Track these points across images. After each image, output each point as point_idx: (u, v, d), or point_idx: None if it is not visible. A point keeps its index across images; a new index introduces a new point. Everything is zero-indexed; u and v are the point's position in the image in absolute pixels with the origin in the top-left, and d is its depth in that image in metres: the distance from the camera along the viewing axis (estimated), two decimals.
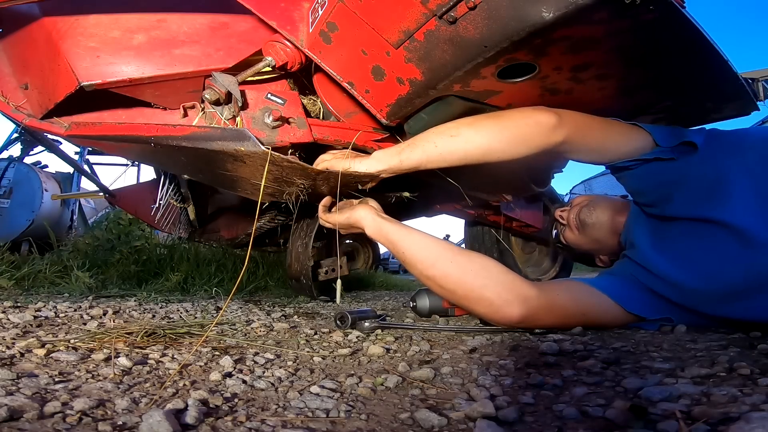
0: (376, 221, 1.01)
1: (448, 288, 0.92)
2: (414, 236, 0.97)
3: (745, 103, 1.06)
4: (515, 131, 0.92)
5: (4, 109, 1.08)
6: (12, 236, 3.88)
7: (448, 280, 0.92)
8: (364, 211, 1.03)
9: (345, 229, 1.09)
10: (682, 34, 0.79)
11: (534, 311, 0.91)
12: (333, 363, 0.74)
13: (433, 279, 0.93)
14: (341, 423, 0.47)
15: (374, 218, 1.01)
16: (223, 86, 0.95)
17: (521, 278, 0.93)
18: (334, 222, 1.07)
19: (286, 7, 0.99)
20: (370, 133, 1.18)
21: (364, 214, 1.03)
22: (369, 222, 1.01)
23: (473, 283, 0.91)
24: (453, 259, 0.93)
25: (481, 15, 0.72)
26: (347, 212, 1.05)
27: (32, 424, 0.42)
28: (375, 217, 1.01)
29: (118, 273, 2.16)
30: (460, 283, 0.91)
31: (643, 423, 0.43)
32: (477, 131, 0.93)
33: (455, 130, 0.94)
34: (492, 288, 0.90)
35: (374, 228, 1.01)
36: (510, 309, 0.90)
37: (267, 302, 1.71)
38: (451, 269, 0.92)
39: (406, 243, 0.96)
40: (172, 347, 0.78)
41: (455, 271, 0.92)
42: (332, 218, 1.08)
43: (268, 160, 0.88)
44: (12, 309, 1.07)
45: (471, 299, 0.91)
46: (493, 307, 0.90)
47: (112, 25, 1.02)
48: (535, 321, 0.93)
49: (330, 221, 1.09)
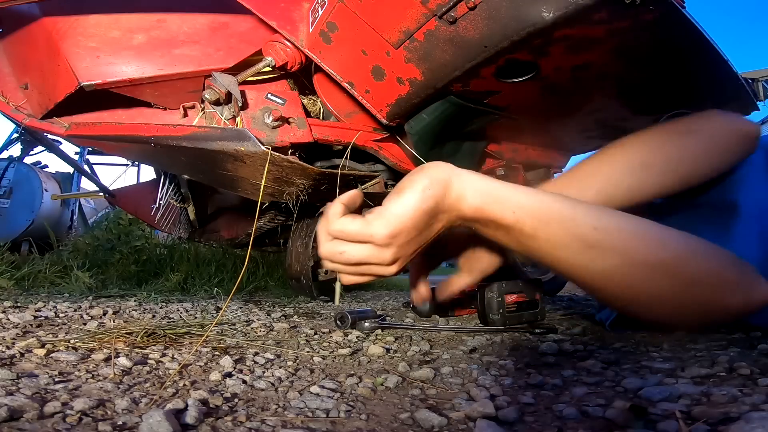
0: (486, 183, 0.58)
1: (693, 276, 0.60)
2: (587, 205, 0.60)
3: (745, 103, 1.07)
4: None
5: (4, 109, 1.08)
6: (12, 236, 3.88)
7: (694, 264, 0.60)
8: (443, 170, 0.57)
9: (416, 238, 0.58)
10: (682, 34, 0.79)
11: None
12: (333, 363, 0.74)
13: (663, 267, 0.59)
14: (341, 423, 0.46)
15: (479, 179, 0.58)
16: (223, 86, 0.95)
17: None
18: (393, 229, 0.55)
19: (286, 7, 0.99)
20: (371, 133, 1.18)
21: (446, 172, 0.57)
22: (473, 188, 0.57)
23: (723, 265, 0.63)
24: (679, 234, 0.61)
25: (481, 15, 0.72)
26: (411, 192, 0.55)
27: (32, 424, 0.42)
28: (479, 177, 0.58)
29: (118, 273, 2.16)
30: (709, 265, 0.61)
31: (643, 423, 0.43)
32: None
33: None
34: (743, 267, 0.64)
35: (489, 196, 0.57)
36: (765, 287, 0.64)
37: (267, 302, 1.71)
38: (693, 247, 0.61)
39: (585, 217, 0.57)
40: (172, 347, 0.78)
41: (702, 250, 0.61)
42: (385, 222, 0.55)
43: (268, 160, 0.88)
44: (12, 309, 1.07)
45: (727, 286, 0.63)
46: (749, 294, 0.64)
47: (112, 25, 1.02)
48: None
49: (381, 232, 0.55)
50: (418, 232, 0.57)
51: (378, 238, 0.55)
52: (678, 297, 0.62)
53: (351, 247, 0.58)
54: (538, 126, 1.29)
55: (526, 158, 1.44)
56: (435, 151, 1.15)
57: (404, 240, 0.56)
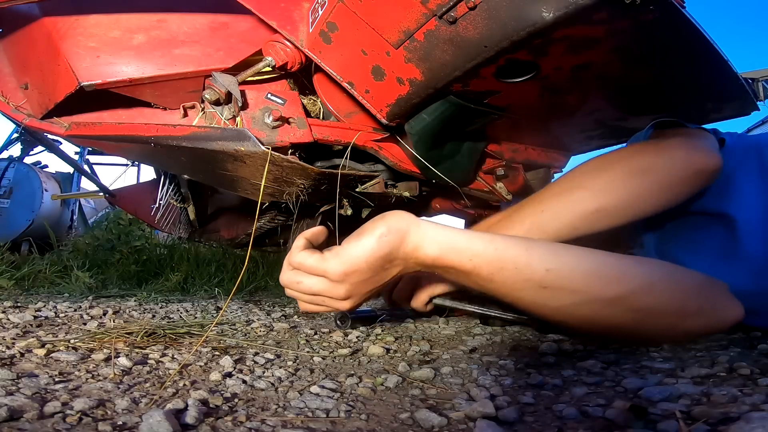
0: (444, 233, 0.62)
1: (650, 307, 0.62)
2: (543, 245, 0.64)
3: (745, 103, 1.06)
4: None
5: (4, 109, 1.08)
6: (12, 236, 3.88)
7: (651, 295, 0.62)
8: (403, 220, 0.61)
9: (370, 279, 0.63)
10: (682, 34, 0.79)
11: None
12: (333, 363, 0.74)
13: (619, 301, 0.61)
14: (341, 423, 0.47)
15: (436, 229, 0.62)
16: (223, 86, 0.95)
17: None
18: (346, 268, 0.60)
19: (286, 7, 0.99)
20: (371, 134, 1.18)
21: (406, 223, 0.61)
22: (431, 238, 0.61)
23: (684, 292, 0.65)
24: (636, 266, 0.65)
25: (481, 15, 0.72)
26: (368, 237, 0.60)
27: (32, 424, 0.42)
28: (437, 227, 0.63)
29: (118, 273, 2.16)
30: (669, 295, 0.63)
31: (643, 423, 0.43)
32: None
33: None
34: (709, 291, 0.68)
35: (447, 245, 0.61)
36: (733, 310, 0.69)
37: (267, 302, 1.71)
38: (650, 278, 0.63)
39: (540, 259, 0.60)
40: (172, 347, 0.78)
41: (661, 280, 0.63)
42: (340, 261, 0.61)
43: (268, 160, 0.88)
44: (12, 309, 1.07)
45: (688, 313, 0.65)
46: (714, 316, 0.68)
47: (112, 25, 1.02)
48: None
49: (334, 269, 0.61)
50: (372, 273, 0.62)
51: (331, 275, 0.62)
52: (636, 327, 0.65)
53: (307, 279, 0.64)
54: (538, 126, 1.29)
55: (526, 158, 1.44)
56: (435, 152, 1.15)
57: (358, 279, 0.62)
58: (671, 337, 0.70)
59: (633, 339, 0.73)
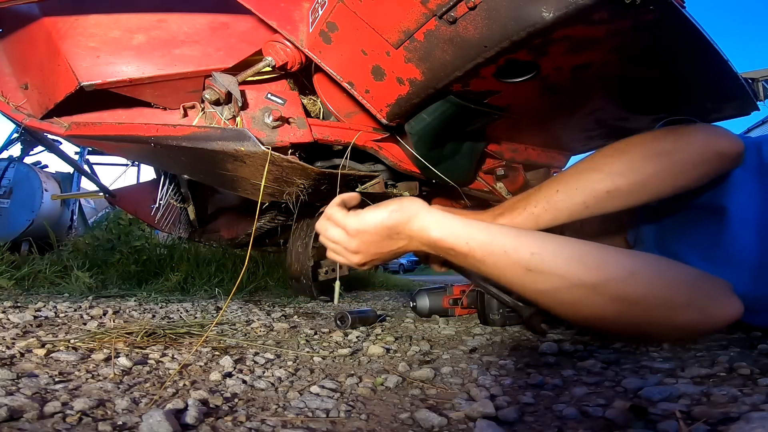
0: (447, 220, 0.70)
1: (632, 296, 0.62)
2: (532, 234, 0.69)
3: (745, 103, 1.06)
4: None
5: (4, 109, 1.08)
6: (12, 236, 3.88)
7: (633, 285, 0.62)
8: (415, 205, 0.72)
9: (377, 242, 0.74)
10: (682, 34, 0.79)
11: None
12: (333, 363, 0.74)
13: (599, 288, 0.62)
14: (341, 423, 0.46)
15: (442, 216, 0.70)
16: (223, 86, 0.95)
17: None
18: (359, 226, 0.73)
19: (286, 7, 0.99)
20: (371, 133, 1.18)
21: (417, 208, 0.71)
22: (436, 223, 0.70)
23: (672, 284, 0.64)
24: (619, 256, 0.65)
25: (481, 15, 0.72)
26: (383, 209, 0.72)
27: (32, 424, 0.42)
28: (443, 215, 0.71)
29: (118, 273, 2.16)
30: (653, 286, 0.63)
31: (643, 423, 0.43)
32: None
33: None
34: (703, 286, 0.67)
35: (448, 230, 0.69)
36: (729, 307, 0.68)
37: (267, 302, 1.71)
38: (632, 268, 0.64)
39: (526, 244, 0.65)
40: (172, 347, 0.78)
41: (644, 270, 0.64)
42: (357, 219, 0.74)
43: (268, 160, 0.88)
44: (12, 309, 1.07)
45: (675, 306, 0.64)
46: (706, 312, 0.66)
47: (112, 25, 1.02)
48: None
49: (352, 225, 0.74)
50: (379, 238, 0.74)
51: (349, 229, 0.75)
52: (620, 316, 0.65)
53: (332, 229, 0.78)
54: (538, 126, 1.29)
55: (526, 158, 1.44)
56: (435, 152, 1.15)
57: (367, 239, 0.74)
58: (662, 332, 0.69)
59: (622, 331, 0.74)
